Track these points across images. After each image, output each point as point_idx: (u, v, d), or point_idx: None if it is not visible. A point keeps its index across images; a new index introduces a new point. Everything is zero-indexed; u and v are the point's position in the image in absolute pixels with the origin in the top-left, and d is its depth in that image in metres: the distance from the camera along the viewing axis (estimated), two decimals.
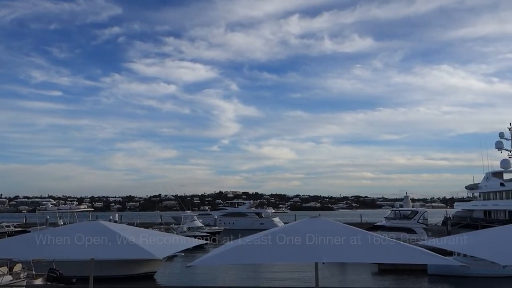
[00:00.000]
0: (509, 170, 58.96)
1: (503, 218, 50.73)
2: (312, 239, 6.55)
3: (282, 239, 6.67)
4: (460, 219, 62.05)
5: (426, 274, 27.16)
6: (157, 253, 6.96)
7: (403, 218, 45.64)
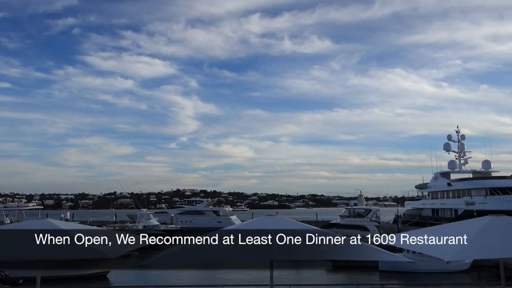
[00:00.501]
0: (456, 170, 62.03)
1: (449, 216, 53.31)
2: (267, 237, 6.63)
3: (237, 238, 6.71)
4: (410, 217, 64.63)
5: (377, 270, 28.11)
6: (109, 252, 6.81)
7: (357, 216, 47.07)
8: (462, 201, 51.62)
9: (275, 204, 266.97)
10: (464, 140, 63.25)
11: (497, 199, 46.48)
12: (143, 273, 26.85)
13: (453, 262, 25.15)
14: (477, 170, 59.91)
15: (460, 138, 62.96)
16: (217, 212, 74.30)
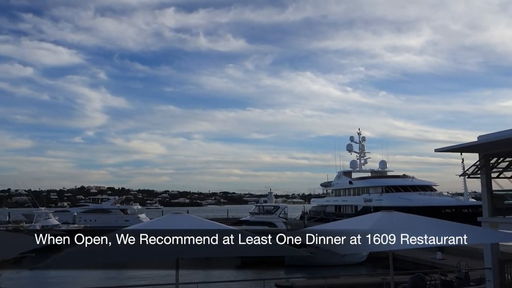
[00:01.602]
0: (357, 170, 66.71)
1: (350, 212, 57.17)
2: (174, 235, 6.58)
3: (143, 236, 6.56)
4: (315, 214, 68.16)
5: (284, 265, 29.22)
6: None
7: (266, 213, 48.40)
8: (361, 198, 55.58)
9: (186, 201, 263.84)
10: (364, 142, 68.31)
11: (391, 196, 50.83)
12: (39, 275, 24.94)
13: (351, 255, 27.04)
14: (375, 170, 65.07)
15: (361, 140, 67.85)
16: (124, 211, 71.39)
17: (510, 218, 15.61)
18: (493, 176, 16.02)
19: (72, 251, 6.50)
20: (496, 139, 14.38)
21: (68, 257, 6.44)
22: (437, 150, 17.22)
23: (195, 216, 8.77)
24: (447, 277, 17.63)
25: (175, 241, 6.36)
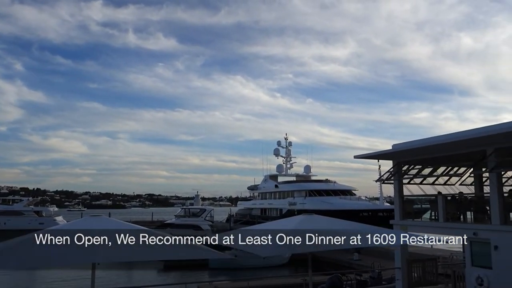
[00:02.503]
0: (283, 174, 68.28)
1: (275, 215, 58.26)
2: (90, 239, 6.29)
3: (57, 240, 6.19)
4: (241, 216, 68.57)
5: (207, 268, 29.09)
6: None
7: (192, 216, 47.83)
8: (286, 201, 56.94)
9: (109, 203, 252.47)
10: (291, 147, 70.15)
11: (314, 200, 52.65)
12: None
13: (274, 257, 27.64)
14: (300, 174, 67.09)
15: (288, 145, 69.64)
16: (39, 213, 66.63)
17: (418, 221, 16.93)
18: (405, 182, 17.30)
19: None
20: (407, 148, 15.55)
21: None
22: (356, 157, 18.23)
23: (116, 219, 8.47)
24: (362, 277, 18.67)
25: (90, 245, 6.07)
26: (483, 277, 12.70)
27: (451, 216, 15.29)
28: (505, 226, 12.42)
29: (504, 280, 12.06)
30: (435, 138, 15.09)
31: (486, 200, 13.87)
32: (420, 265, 16.45)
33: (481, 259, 13.00)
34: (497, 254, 12.32)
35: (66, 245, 6.07)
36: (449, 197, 15.73)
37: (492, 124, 13.56)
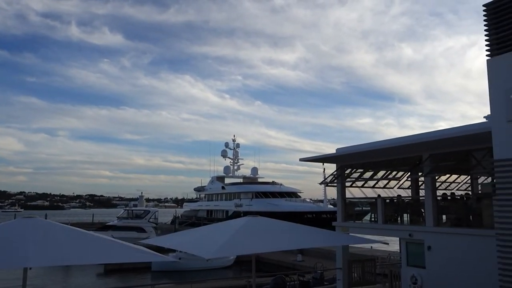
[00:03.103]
0: (230, 175, 68.39)
1: (221, 217, 58.21)
2: (22, 242, 5.90)
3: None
4: (187, 218, 67.79)
5: (150, 271, 28.40)
6: None
7: (135, 217, 46.52)
8: (232, 203, 57.04)
9: (46, 204, 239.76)
10: (238, 148, 70.43)
11: (260, 202, 53.16)
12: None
13: (219, 259, 27.52)
14: (247, 176, 67.47)
15: (236, 147, 69.85)
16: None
17: (359, 223, 17.54)
18: (347, 185, 17.86)
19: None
20: (350, 152, 16.07)
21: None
22: (301, 160, 18.58)
23: (52, 220, 8.04)
24: (304, 278, 19.05)
25: (22, 249, 5.68)
26: (417, 276, 13.37)
27: (390, 218, 15.99)
28: (438, 228, 13.16)
29: (436, 279, 12.77)
30: (376, 143, 15.71)
31: (421, 203, 14.62)
32: (359, 265, 17.03)
33: (416, 259, 13.68)
34: (430, 254, 13.02)
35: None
36: (387, 200, 16.43)
37: (428, 131, 14.35)
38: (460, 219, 13.48)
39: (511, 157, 8.99)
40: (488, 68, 9.65)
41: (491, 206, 10.05)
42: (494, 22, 9.82)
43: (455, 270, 12.14)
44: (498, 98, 9.32)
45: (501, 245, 9.09)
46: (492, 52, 9.78)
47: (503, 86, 9.21)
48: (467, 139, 11.64)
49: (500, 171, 9.20)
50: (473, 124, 12.13)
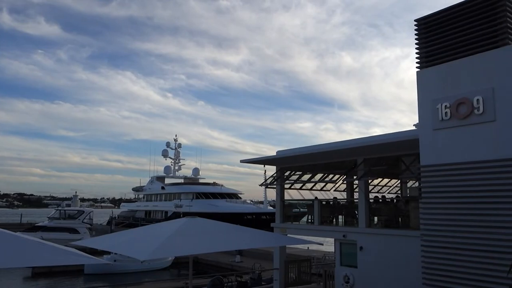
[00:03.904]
0: (170, 175, 67.23)
1: (160, 218, 57.03)
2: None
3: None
4: (124, 219, 65.71)
5: (82, 274, 27.18)
6: None
7: (68, 218, 44.32)
8: (172, 204, 56.13)
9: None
10: (180, 148, 69.45)
11: (201, 203, 52.80)
12: None
13: (155, 260, 26.97)
14: (188, 176, 66.68)
15: (177, 147, 68.81)
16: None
17: (296, 224, 17.98)
18: (286, 187, 18.26)
19: None
20: (289, 155, 16.45)
21: None
22: (242, 161, 18.73)
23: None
24: (242, 278, 19.17)
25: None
26: (350, 276, 13.95)
27: (326, 219, 16.55)
28: (370, 229, 13.83)
29: (367, 278, 13.40)
30: (314, 147, 16.21)
31: (355, 205, 15.29)
32: (296, 265, 17.44)
33: (349, 259, 14.27)
34: (362, 254, 13.64)
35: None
36: (324, 202, 17.00)
37: (363, 136, 15.05)
38: (390, 221, 14.26)
39: (435, 163, 9.67)
40: (418, 79, 10.31)
41: (417, 209, 10.71)
42: (424, 36, 10.51)
43: (384, 269, 12.81)
44: (425, 108, 9.99)
45: (425, 245, 9.73)
46: (421, 64, 10.46)
47: (430, 96, 9.89)
48: (398, 145, 12.35)
49: (425, 176, 9.86)
50: (403, 131, 12.89)
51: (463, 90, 9.27)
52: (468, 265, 8.80)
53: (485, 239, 8.57)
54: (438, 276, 9.33)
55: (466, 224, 8.96)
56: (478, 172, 8.87)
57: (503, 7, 9.12)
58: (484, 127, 8.89)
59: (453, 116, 9.38)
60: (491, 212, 8.56)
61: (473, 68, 9.26)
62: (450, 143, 9.47)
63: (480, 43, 9.34)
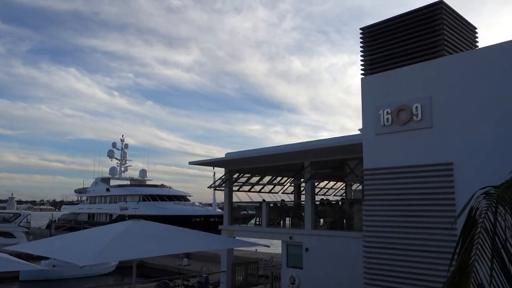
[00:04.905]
0: (116, 177, 65.11)
1: (104, 220, 55.03)
2: None
3: None
4: (65, 222, 62.83)
5: (18, 281, 25.62)
6: None
7: (3, 221, 41.72)
8: (117, 206, 54.42)
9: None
10: (127, 149, 67.48)
11: (148, 205, 51.61)
12: None
13: (98, 265, 25.94)
14: (134, 178, 64.90)
15: (124, 147, 66.80)
16: None
17: (244, 226, 18.04)
18: (235, 189, 18.27)
19: None
20: (238, 157, 16.49)
21: None
22: (190, 163, 18.51)
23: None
24: (189, 282, 18.92)
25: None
26: (295, 277, 14.18)
27: (273, 221, 16.73)
28: (315, 231, 14.15)
29: (312, 279, 13.68)
30: (262, 149, 16.36)
31: (302, 207, 15.58)
32: (243, 268, 17.49)
33: (295, 260, 14.51)
34: (307, 256, 13.92)
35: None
36: (272, 204, 17.18)
37: (311, 140, 15.39)
38: (335, 223, 14.68)
39: (377, 166, 10.07)
40: (362, 85, 10.70)
41: (361, 211, 11.09)
42: (368, 45, 10.94)
43: (329, 270, 13.14)
44: (369, 113, 10.38)
45: (366, 245, 10.09)
46: (365, 71, 10.87)
47: (374, 103, 10.29)
48: (343, 149, 12.75)
49: (368, 179, 10.23)
50: (348, 135, 13.34)
51: (404, 97, 9.73)
52: (406, 264, 9.22)
53: (421, 239, 9.02)
54: (378, 276, 9.70)
55: (404, 225, 9.39)
56: (415, 175, 9.33)
57: (441, 20, 9.69)
58: (421, 133, 9.38)
59: (394, 122, 9.82)
60: (427, 214, 9.03)
61: (412, 77, 9.74)
62: (390, 148, 9.89)
63: (420, 53, 9.86)
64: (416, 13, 10.13)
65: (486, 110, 8.52)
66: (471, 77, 8.82)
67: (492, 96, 8.49)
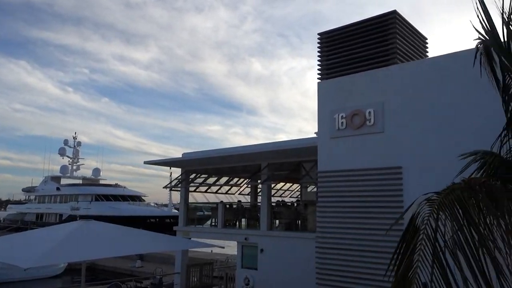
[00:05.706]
0: (67, 176, 62.63)
1: (54, 221, 52.76)
2: None
3: None
4: (11, 222, 59.77)
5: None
6: None
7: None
8: (68, 206, 52.43)
9: None
10: (80, 147, 65.05)
11: (101, 205, 50.02)
12: None
13: (45, 268, 24.83)
14: (87, 177, 62.70)
15: (76, 145, 64.38)
16: None
17: (199, 227, 17.90)
18: (191, 190, 18.09)
19: None
20: (195, 158, 16.35)
21: None
22: (146, 163, 18.16)
23: None
24: (142, 284, 18.52)
25: None
26: (250, 278, 14.22)
27: (229, 222, 16.71)
28: (270, 232, 14.27)
29: (267, 279, 13.77)
30: (220, 150, 16.31)
31: (258, 209, 15.66)
32: (198, 269, 17.34)
33: (249, 261, 14.55)
34: (262, 257, 14.00)
35: None
36: (228, 205, 17.16)
37: (269, 142, 15.52)
38: (290, 224, 14.86)
39: (331, 169, 10.30)
40: (318, 89, 10.92)
41: (315, 212, 11.29)
42: (325, 50, 11.18)
43: (283, 271, 13.28)
44: (324, 117, 10.61)
45: (318, 246, 10.30)
46: (322, 76, 11.10)
47: (329, 106, 10.53)
48: (299, 151, 12.94)
49: (322, 181, 10.45)
50: (305, 138, 13.55)
51: (358, 102, 10.02)
52: (357, 265, 9.49)
53: (372, 241, 9.32)
54: (330, 276, 9.93)
55: (355, 226, 9.66)
56: (366, 178, 9.63)
57: (394, 30, 10.07)
58: (373, 137, 9.69)
59: (348, 126, 10.09)
60: (377, 216, 9.34)
61: (366, 83, 10.06)
62: (344, 151, 10.16)
63: (374, 60, 10.20)
64: (371, 21, 10.47)
65: (431, 117, 8.94)
66: (421, 85, 9.23)
67: (437, 103, 8.92)
